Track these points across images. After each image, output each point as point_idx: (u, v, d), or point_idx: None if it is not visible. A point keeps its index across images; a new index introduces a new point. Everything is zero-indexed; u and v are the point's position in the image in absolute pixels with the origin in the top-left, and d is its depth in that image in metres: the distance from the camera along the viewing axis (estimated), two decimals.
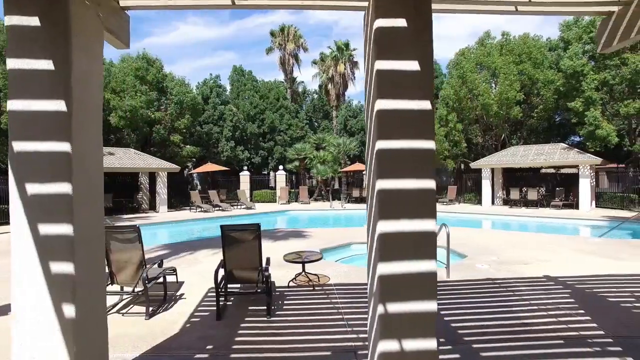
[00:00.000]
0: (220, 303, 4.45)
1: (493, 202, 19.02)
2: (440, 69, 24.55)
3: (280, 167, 22.81)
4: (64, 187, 2.13)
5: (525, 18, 52.22)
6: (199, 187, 24.88)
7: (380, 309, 2.25)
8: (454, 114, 19.91)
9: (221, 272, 4.22)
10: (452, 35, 59.00)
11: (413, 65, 2.24)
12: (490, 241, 8.51)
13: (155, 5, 3.14)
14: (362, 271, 5.98)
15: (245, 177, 21.65)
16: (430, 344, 2.26)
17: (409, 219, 2.24)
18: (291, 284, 5.12)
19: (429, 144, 2.24)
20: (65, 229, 2.13)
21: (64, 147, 2.13)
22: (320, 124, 33.26)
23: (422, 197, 2.25)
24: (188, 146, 20.35)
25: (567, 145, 17.53)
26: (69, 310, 2.12)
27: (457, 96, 19.54)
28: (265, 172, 26.41)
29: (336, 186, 23.83)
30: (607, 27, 3.35)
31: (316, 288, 4.97)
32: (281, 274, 5.51)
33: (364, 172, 22.98)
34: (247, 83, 25.79)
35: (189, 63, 66.03)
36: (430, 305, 2.25)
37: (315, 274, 5.37)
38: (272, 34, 31.70)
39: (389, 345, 2.24)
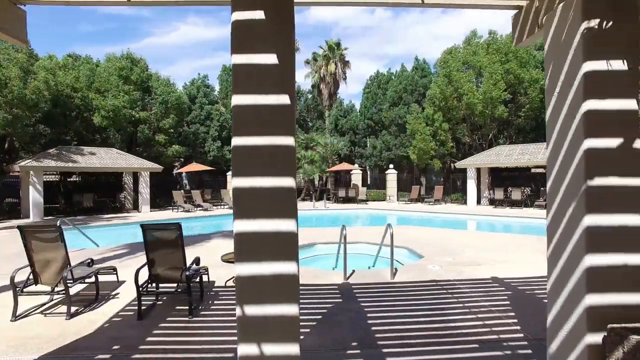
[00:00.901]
0: (150, 303, 4.43)
1: (479, 202, 18.91)
2: (430, 68, 24.46)
3: None
4: None
5: None
6: (188, 186, 24.87)
7: (238, 311, 2.19)
8: (440, 113, 19.80)
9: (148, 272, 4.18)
10: (451, 34, 58.92)
11: (271, 59, 2.18)
12: (458, 242, 8.42)
13: (52, 1, 3.09)
14: (308, 272, 5.92)
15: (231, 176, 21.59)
16: (292, 349, 2.19)
17: (266, 218, 2.17)
18: (229, 283, 5.06)
19: (288, 140, 2.18)
20: None
21: None
22: (315, 124, 33.19)
23: (281, 197, 2.18)
24: (174, 146, 20.31)
25: None
26: None
27: (443, 95, 19.43)
28: None
29: (328, 186, 23.71)
30: (519, 21, 3.28)
31: None
32: (225, 273, 5.45)
33: (351, 172, 22.92)
34: None
35: (190, 63, 66.14)
36: (291, 309, 2.18)
37: None
38: None
39: (248, 349, 2.18)
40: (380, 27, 65.76)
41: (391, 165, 22.49)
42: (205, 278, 5.04)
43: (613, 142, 2.37)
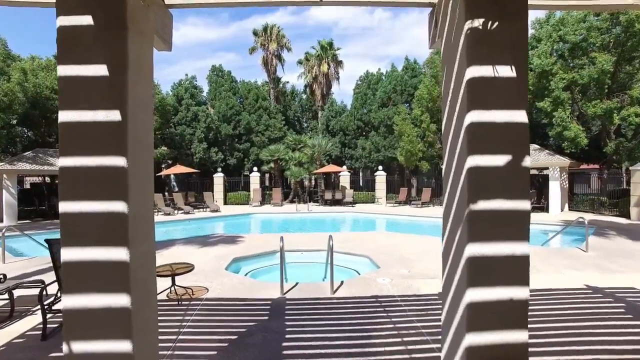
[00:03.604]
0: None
1: None
2: (420, 68, 24.11)
3: (255, 168, 22.53)
4: None
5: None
6: (176, 188, 24.70)
7: (65, 349, 1.96)
8: (428, 115, 19.49)
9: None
10: None
11: (100, 70, 1.93)
12: (424, 249, 8.13)
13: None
14: (253, 284, 5.67)
15: (219, 178, 21.39)
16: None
17: (96, 247, 1.93)
18: (158, 297, 4.82)
19: (119, 161, 1.93)
20: None
21: None
22: (309, 125, 32.96)
23: (112, 223, 1.93)
24: (159, 148, 20.11)
25: (538, 147, 17.05)
26: None
27: (430, 96, 19.12)
28: (247, 174, 26.13)
29: (321, 187, 23.37)
30: (432, 20, 3.00)
31: (182, 303, 4.67)
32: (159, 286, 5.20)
33: (339, 174, 22.64)
34: (224, 84, 25.53)
35: (191, 64, 66.08)
36: (123, 346, 1.94)
37: (190, 287, 5.08)
38: (255, 33, 31.39)
39: None
40: (380, 28, 65.28)
41: (380, 167, 22.20)
42: None
43: (498, 160, 2.10)
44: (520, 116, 2.09)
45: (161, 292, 4.93)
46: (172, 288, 4.84)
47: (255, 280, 5.95)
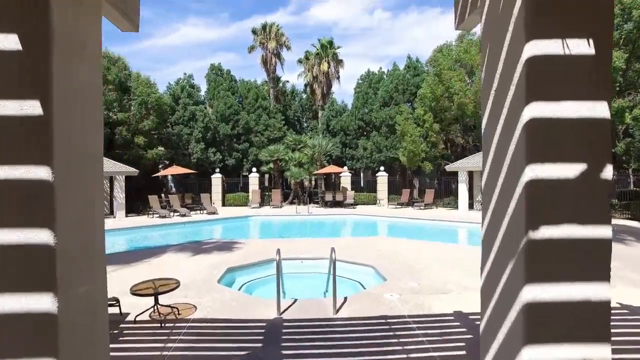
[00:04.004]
0: None
1: (472, 207, 17.99)
2: (422, 67, 23.54)
3: (254, 169, 21.96)
4: None
5: None
6: (174, 189, 24.13)
7: None
8: (431, 114, 18.91)
9: None
10: (451, 34, 57.83)
11: (9, 42, 1.37)
12: (432, 258, 7.56)
13: None
14: (247, 301, 5.10)
15: (217, 179, 20.82)
16: None
17: (11, 293, 1.37)
18: (141, 318, 4.26)
19: (42, 172, 1.37)
20: None
21: None
22: (309, 124, 32.39)
23: (33, 260, 1.37)
24: (156, 148, 19.54)
25: None
26: None
27: (433, 95, 18.53)
28: (246, 175, 25.55)
29: (321, 188, 22.78)
30: None
31: (166, 325, 4.10)
32: (143, 303, 4.63)
33: (340, 174, 22.07)
34: (223, 83, 24.96)
35: (191, 64, 65.50)
36: None
37: (175, 306, 4.51)
38: (254, 31, 30.80)
39: None
40: (380, 28, 64.57)
41: (382, 168, 21.62)
42: (116, 310, 4.29)
43: (569, 170, 1.54)
44: (600, 109, 1.52)
45: (144, 311, 4.36)
46: (155, 307, 4.28)
47: (250, 297, 5.38)
